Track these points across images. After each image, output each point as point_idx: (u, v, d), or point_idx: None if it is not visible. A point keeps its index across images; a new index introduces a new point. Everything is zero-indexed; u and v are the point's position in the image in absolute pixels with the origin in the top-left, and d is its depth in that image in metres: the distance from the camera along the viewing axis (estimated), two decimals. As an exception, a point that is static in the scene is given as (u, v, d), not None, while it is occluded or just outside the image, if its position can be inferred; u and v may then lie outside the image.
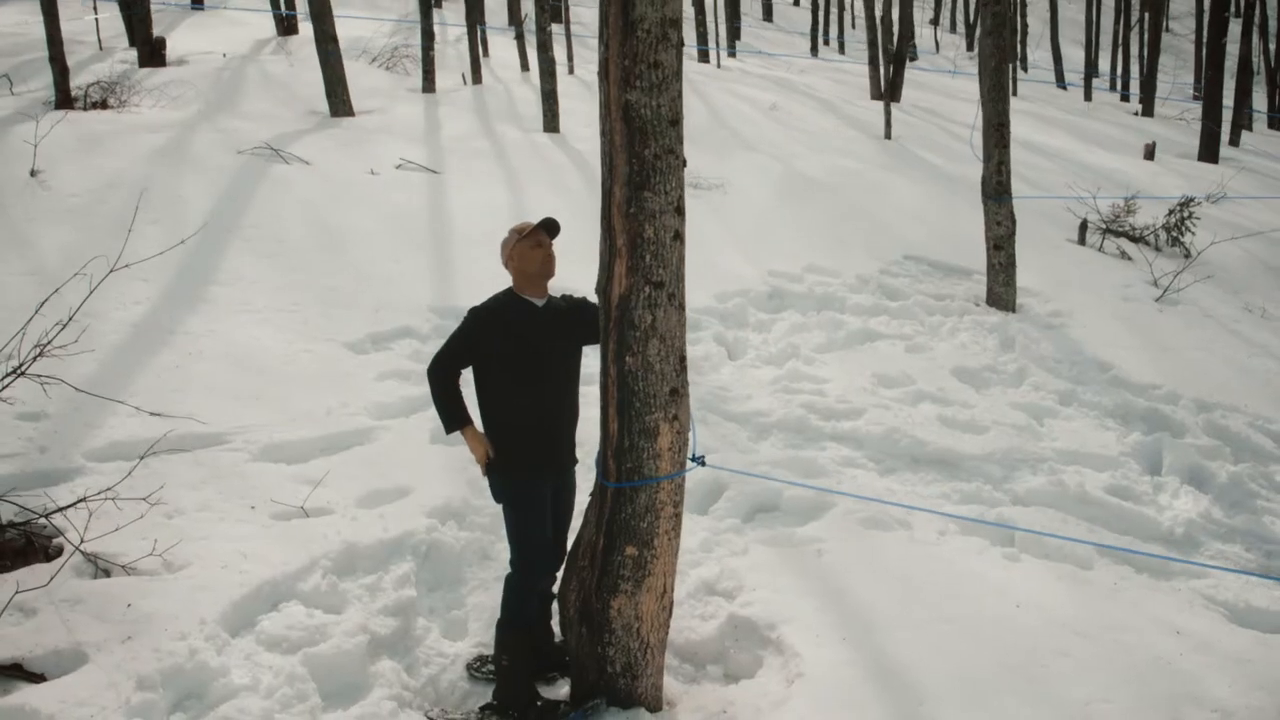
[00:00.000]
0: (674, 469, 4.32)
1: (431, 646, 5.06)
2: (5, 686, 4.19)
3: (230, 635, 4.61)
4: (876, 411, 7.47)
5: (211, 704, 4.21)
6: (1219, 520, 6.69)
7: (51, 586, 4.72)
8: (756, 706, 4.52)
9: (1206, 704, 4.71)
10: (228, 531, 5.32)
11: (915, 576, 5.53)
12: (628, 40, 3.92)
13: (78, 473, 5.78)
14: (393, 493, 5.95)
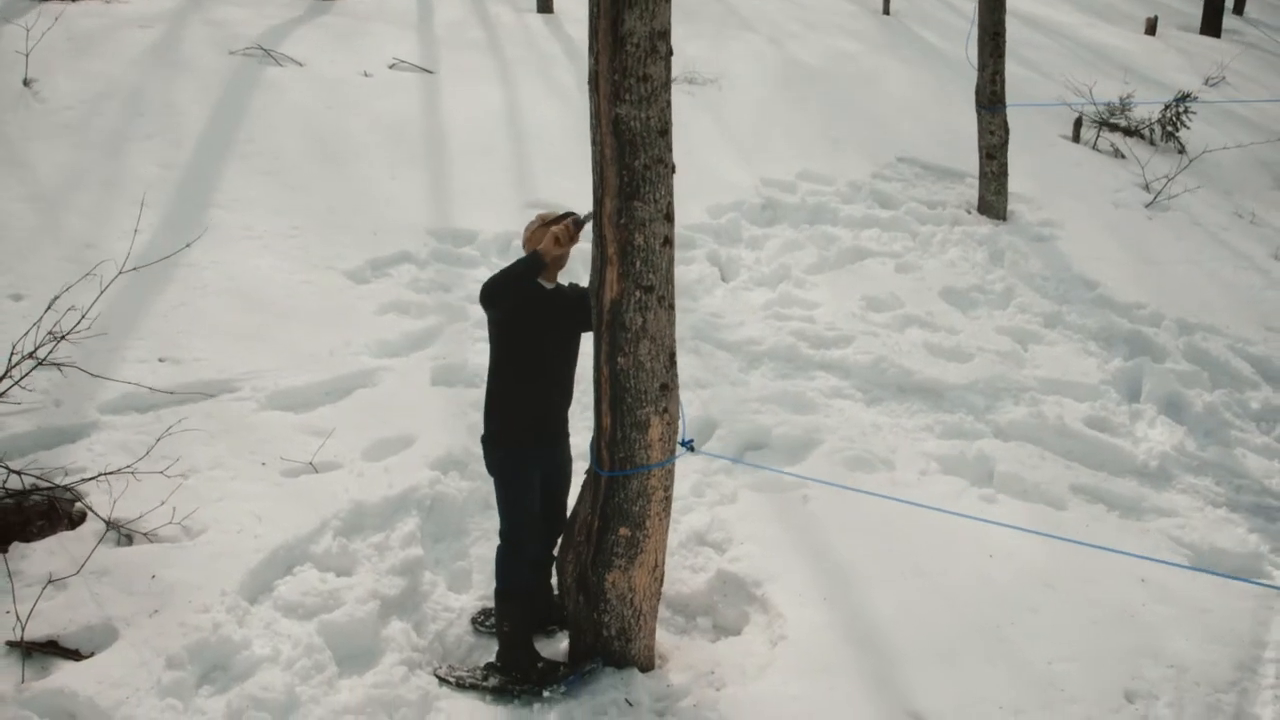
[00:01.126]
0: (664, 457, 4.49)
1: (438, 601, 5.31)
2: (43, 665, 4.44)
3: (249, 603, 4.84)
4: (865, 339, 7.62)
5: (236, 676, 4.46)
6: (1192, 453, 6.90)
7: (78, 556, 4.94)
8: (742, 668, 4.79)
9: (1164, 659, 5.00)
10: (241, 491, 5.51)
11: (895, 524, 5.76)
12: (617, 55, 3.92)
13: (93, 428, 5.94)
14: (397, 442, 6.13)
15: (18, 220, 7.92)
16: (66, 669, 4.41)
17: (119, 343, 6.70)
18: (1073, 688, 4.74)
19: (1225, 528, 6.27)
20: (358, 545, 5.34)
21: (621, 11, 3.86)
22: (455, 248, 8.40)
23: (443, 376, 6.85)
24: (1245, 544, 6.13)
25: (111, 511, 5.24)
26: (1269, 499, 6.62)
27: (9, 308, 6.93)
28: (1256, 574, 5.97)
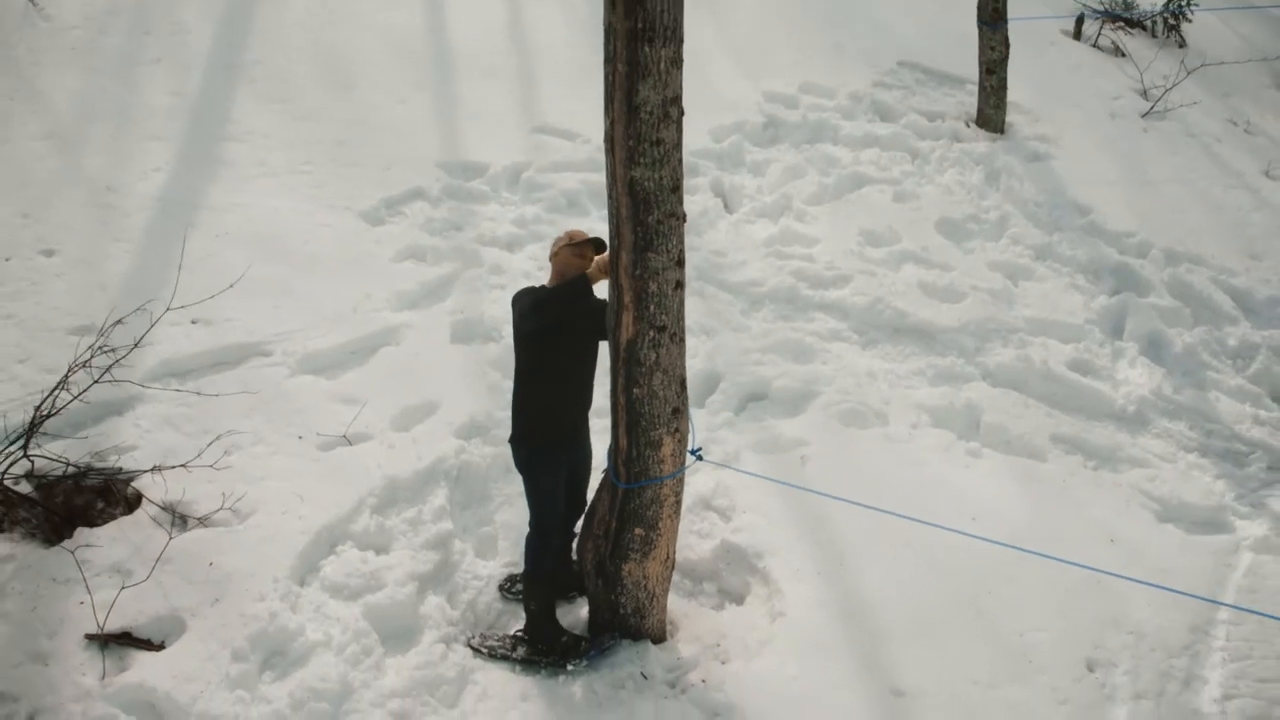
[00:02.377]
0: (675, 469, 4.88)
1: (468, 570, 5.78)
2: (121, 657, 4.92)
3: (299, 586, 5.30)
4: (862, 279, 7.89)
5: (294, 662, 4.95)
6: (1168, 397, 7.28)
7: (139, 543, 5.38)
8: (745, 643, 5.30)
9: (1125, 626, 5.51)
10: (282, 468, 5.91)
11: (887, 489, 6.17)
12: (632, 122, 4.11)
13: (136, 400, 6.28)
14: (422, 409, 6.49)
15: (38, 161, 8.09)
16: (143, 661, 4.88)
17: (151, 302, 6.94)
18: (1040, 659, 5.25)
19: (1193, 477, 6.70)
20: (393, 521, 5.77)
21: (636, 83, 4.03)
22: (465, 182, 8.57)
23: (461, 333, 7.16)
24: (1210, 495, 6.57)
25: (165, 494, 5.63)
26: (1238, 444, 7.04)
27: (42, 265, 7.17)
28: (1219, 526, 6.42)
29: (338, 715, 4.75)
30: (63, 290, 7.00)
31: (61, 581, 5.20)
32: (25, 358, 6.43)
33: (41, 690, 4.70)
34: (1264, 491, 6.77)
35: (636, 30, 3.91)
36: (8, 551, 5.38)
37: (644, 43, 3.94)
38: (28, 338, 6.59)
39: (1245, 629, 5.64)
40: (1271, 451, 6.99)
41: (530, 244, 8.10)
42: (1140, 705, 5.12)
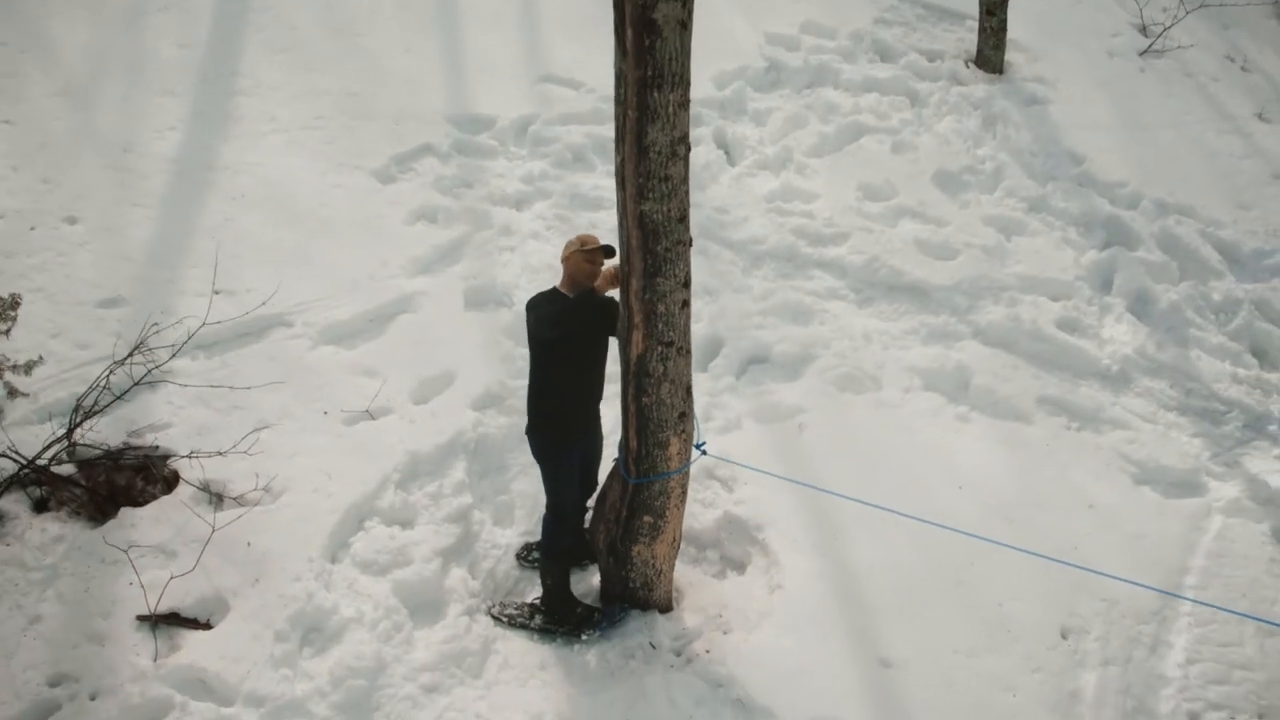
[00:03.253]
0: (681, 464, 5.19)
1: (487, 539, 6.14)
2: (171, 638, 5.31)
3: (331, 563, 5.67)
4: (860, 236, 8.09)
5: (331, 637, 5.33)
6: (1151, 356, 7.55)
7: (180, 524, 5.73)
8: (745, 614, 5.69)
9: (1098, 593, 5.88)
10: (310, 445, 6.22)
11: (880, 458, 6.52)
12: (641, 161, 4.31)
13: (166, 374, 6.54)
14: (440, 380, 6.77)
15: (54, 120, 8.21)
16: (192, 642, 5.28)
17: (175, 272, 7.18)
18: (1017, 627, 5.63)
19: (1172, 438, 7.02)
20: (416, 496, 6.10)
21: (645, 126, 4.22)
22: (473, 135, 8.69)
23: (474, 299, 7.39)
24: (1186, 457, 6.90)
25: (201, 473, 5.96)
26: (1216, 403, 7.34)
27: (66, 233, 7.37)
28: (1194, 488, 6.76)
29: (373, 690, 5.14)
30: (88, 261, 7.20)
31: (110, 563, 5.55)
32: (57, 333, 6.67)
33: (100, 671, 5.08)
34: (1238, 450, 7.08)
35: (646, 78, 4.08)
36: (58, 532, 5.71)
37: (653, 89, 4.11)
38: (59, 312, 6.82)
39: (1210, 594, 6.01)
40: (1247, 410, 7.28)
41: (538, 201, 8.27)
42: (1109, 671, 5.51)
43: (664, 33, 3.97)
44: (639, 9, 3.92)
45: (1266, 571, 6.20)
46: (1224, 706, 5.45)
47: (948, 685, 5.34)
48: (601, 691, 5.31)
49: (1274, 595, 6.08)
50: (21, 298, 5.57)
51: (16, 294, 5.59)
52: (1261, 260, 8.36)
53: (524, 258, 7.73)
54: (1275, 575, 6.19)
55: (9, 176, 7.69)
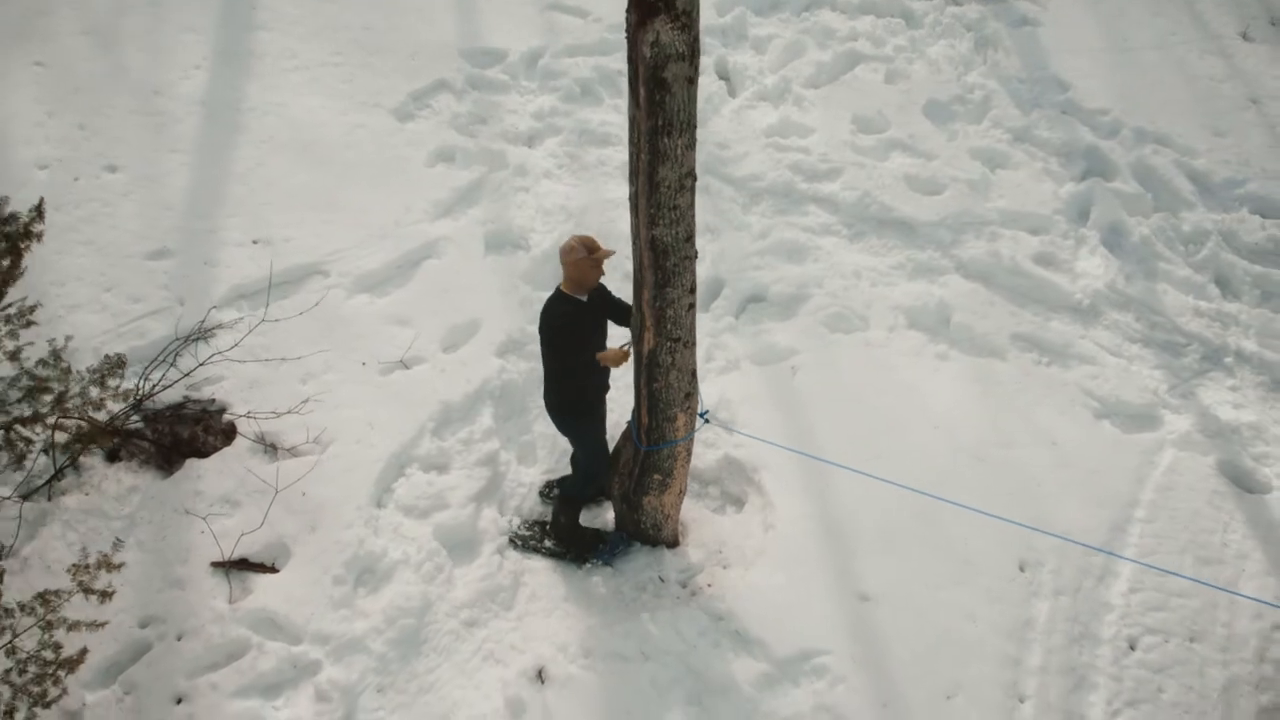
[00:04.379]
0: (686, 433, 5.78)
1: (513, 478, 6.79)
2: (242, 581, 6.00)
3: (378, 509, 6.32)
4: (853, 171, 8.48)
5: (382, 577, 6.03)
6: (1120, 290, 8.04)
7: (241, 475, 6.36)
8: (742, 551, 6.37)
9: (1056, 526, 6.53)
10: (351, 396, 6.80)
11: (864, 400, 7.10)
12: (653, 195, 4.76)
13: (215, 329, 7.05)
14: (466, 328, 7.29)
15: (84, 62, 8.50)
16: (262, 585, 5.97)
17: (214, 221, 7.62)
18: (981, 562, 6.32)
19: (1133, 372, 7.56)
20: (449, 442, 6.72)
21: (656, 166, 4.65)
22: (485, 70, 8.96)
23: (493, 242, 7.85)
24: (1145, 391, 7.47)
25: (256, 425, 6.55)
26: (1177, 336, 7.87)
27: (108, 183, 7.78)
28: (1150, 421, 7.35)
29: (421, 627, 5.86)
30: (132, 211, 7.62)
31: (181, 512, 6.21)
32: (111, 286, 7.16)
33: (184, 614, 5.79)
34: (1195, 381, 7.65)
35: (657, 127, 4.49)
36: (132, 482, 6.35)
37: (663, 136, 4.52)
38: (110, 265, 7.29)
39: (1156, 525, 6.69)
40: (1206, 343, 7.81)
41: (549, 138, 8.61)
42: (1059, 600, 6.23)
43: (673, 89, 4.35)
44: (650, 69, 4.30)
45: (1208, 503, 6.84)
46: (1160, 631, 6.17)
47: (918, 616, 6.06)
48: (617, 624, 6.02)
49: (1213, 526, 6.74)
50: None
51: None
52: (1232, 190, 8.74)
53: (538, 199, 8.13)
54: (1215, 507, 6.84)
55: (46, 123, 8.03)
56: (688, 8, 4.18)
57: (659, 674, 5.73)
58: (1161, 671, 6.03)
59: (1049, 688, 5.87)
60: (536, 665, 5.77)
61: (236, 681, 5.54)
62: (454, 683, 5.72)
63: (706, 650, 5.83)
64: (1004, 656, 5.95)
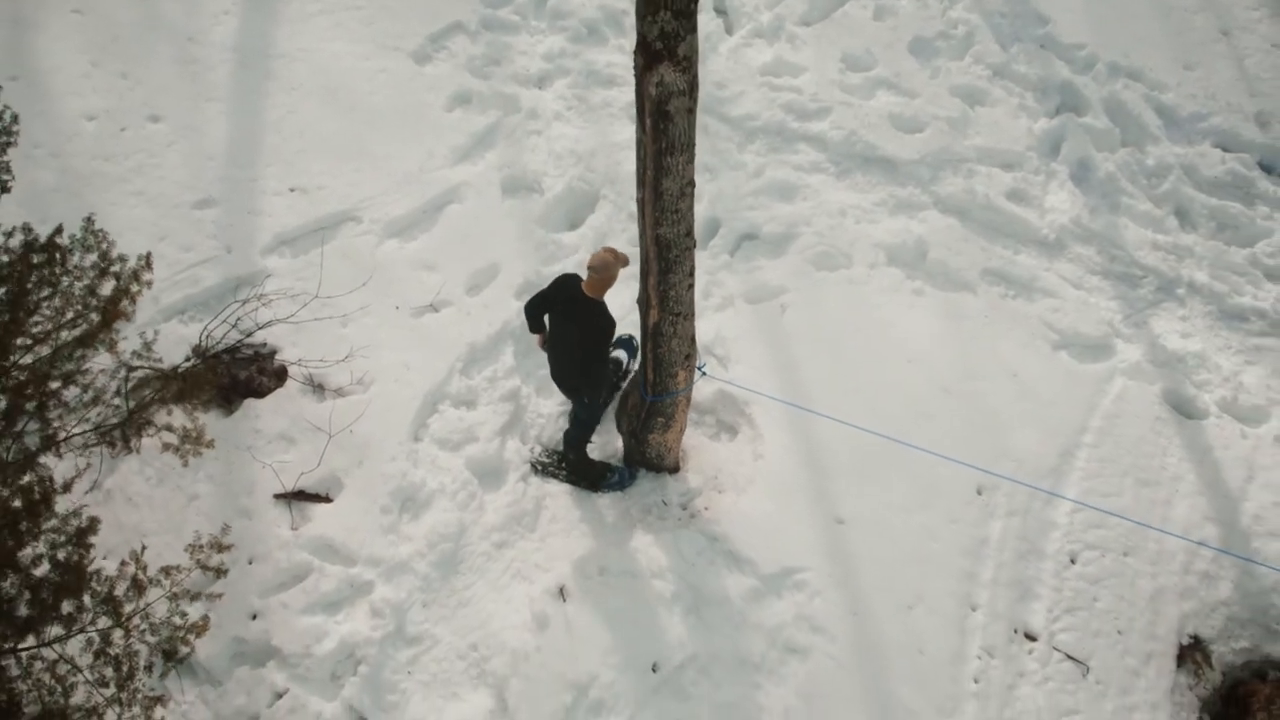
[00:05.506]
0: (686, 384, 6.43)
1: (533, 410, 7.44)
2: (301, 511, 6.74)
3: (415, 443, 7.01)
4: (840, 110, 8.88)
5: (422, 505, 6.77)
6: (1084, 225, 8.53)
7: (294, 414, 7.03)
8: (735, 477, 7.08)
9: (1011, 455, 7.24)
10: (389, 339, 7.40)
11: (845, 336, 7.69)
12: (658, 201, 5.29)
13: (261, 275, 7.61)
14: (487, 272, 7.83)
15: (121, 9, 8.79)
16: (319, 515, 6.71)
17: (254, 171, 8.09)
18: (943, 487, 7.03)
19: (1091, 304, 8.12)
20: (476, 380, 7.36)
21: (660, 178, 5.16)
22: (497, 10, 9.24)
23: (509, 186, 8.32)
24: (1100, 324, 8.04)
25: (304, 367, 7.17)
26: (1135, 268, 8.40)
27: (153, 133, 8.23)
28: (1104, 351, 7.94)
29: (458, 550, 6.63)
30: (177, 162, 8.08)
31: (244, 448, 6.91)
32: (164, 236, 7.70)
33: (253, 541, 6.55)
34: (1148, 312, 8.22)
35: (661, 149, 4.99)
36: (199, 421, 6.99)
37: (666, 155, 5.03)
38: (161, 215, 7.81)
39: (1102, 450, 7.37)
40: (1161, 276, 8.35)
41: (558, 79, 8.97)
42: (1011, 521, 6.97)
43: (675, 119, 4.83)
44: (655, 104, 4.77)
45: (1150, 429, 7.51)
46: (1098, 547, 6.93)
47: (886, 536, 6.81)
48: (627, 543, 6.77)
49: (1153, 451, 7.42)
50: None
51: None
52: (1196, 123, 9.11)
53: (549, 143, 8.55)
54: (1157, 433, 7.51)
55: (92, 74, 8.41)
56: (688, 53, 4.61)
57: (663, 589, 6.50)
58: (1097, 583, 6.80)
59: (998, 598, 6.66)
60: (558, 582, 6.54)
61: (303, 600, 6.32)
62: (487, 598, 6.50)
63: (703, 568, 6.59)
64: (960, 571, 6.72)
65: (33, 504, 4.11)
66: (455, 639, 6.33)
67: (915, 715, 6.17)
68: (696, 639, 6.33)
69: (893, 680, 6.27)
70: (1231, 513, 7.19)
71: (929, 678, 6.30)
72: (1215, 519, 7.16)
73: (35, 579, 4.09)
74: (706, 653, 6.28)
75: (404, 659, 6.21)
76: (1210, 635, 6.80)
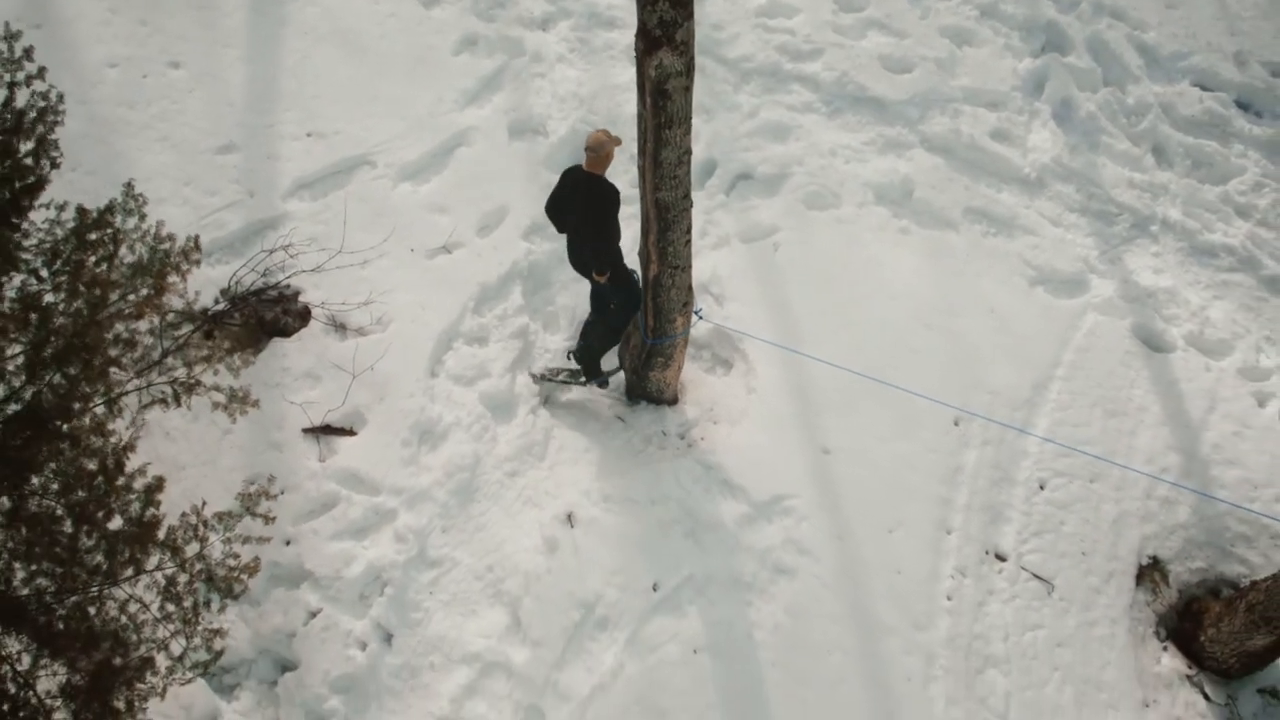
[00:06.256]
0: (684, 329, 6.68)
1: (541, 346, 7.70)
2: (328, 444, 7.02)
3: (431, 378, 7.27)
4: (833, 52, 8.96)
5: (439, 437, 7.04)
6: (1064, 164, 8.67)
7: (319, 352, 7.27)
8: (729, 409, 7.36)
9: (986, 387, 7.52)
10: (403, 280, 7.60)
11: (834, 273, 7.90)
12: (658, 169, 5.50)
13: (282, 219, 7.80)
14: (496, 214, 8.01)
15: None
16: (344, 447, 7.00)
17: (272, 117, 8.20)
18: (923, 418, 7.31)
19: (1068, 240, 8.31)
20: (487, 318, 7.59)
21: (660, 149, 5.35)
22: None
23: (516, 129, 8.45)
24: (1076, 260, 8.25)
25: (326, 308, 7.39)
26: (1111, 206, 8.56)
27: (174, 80, 8.32)
28: (1079, 286, 8.14)
29: (473, 478, 6.94)
30: (199, 109, 8.19)
31: (273, 385, 7.16)
32: (189, 181, 7.85)
33: (285, 472, 6.85)
34: (1123, 248, 8.40)
35: (661, 123, 5.15)
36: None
37: (665, 129, 5.21)
38: (185, 160, 7.95)
39: (1073, 383, 7.64)
40: (1136, 213, 8.52)
41: (561, 21, 9.03)
42: (985, 450, 7.27)
43: (673, 96, 4.99)
44: (655, 84, 4.92)
45: (1119, 362, 7.78)
46: (1066, 474, 7.25)
47: (868, 465, 7.12)
48: (629, 472, 7.08)
49: (1121, 383, 7.69)
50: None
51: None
52: (1177, 62, 9.17)
53: (553, 85, 8.64)
54: (1125, 365, 7.78)
55: (111, 21, 8.45)
56: (685, 38, 4.74)
57: (663, 514, 6.84)
58: (1064, 508, 7.14)
59: (971, 522, 7.00)
60: (566, 509, 6.87)
61: (332, 527, 6.66)
62: (501, 523, 6.84)
63: (700, 495, 6.92)
64: (937, 497, 7.05)
65: (108, 469, 4.39)
66: (473, 561, 6.67)
67: (893, 630, 6.54)
68: (693, 561, 6.66)
69: (873, 598, 6.63)
70: (1192, 442, 7.48)
71: (906, 596, 6.66)
72: (1177, 448, 7.45)
73: (111, 532, 4.40)
74: (702, 573, 6.62)
75: (426, 580, 6.56)
76: (1168, 556, 7.14)
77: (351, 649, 6.25)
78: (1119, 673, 6.64)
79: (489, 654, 6.30)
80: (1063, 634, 6.69)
